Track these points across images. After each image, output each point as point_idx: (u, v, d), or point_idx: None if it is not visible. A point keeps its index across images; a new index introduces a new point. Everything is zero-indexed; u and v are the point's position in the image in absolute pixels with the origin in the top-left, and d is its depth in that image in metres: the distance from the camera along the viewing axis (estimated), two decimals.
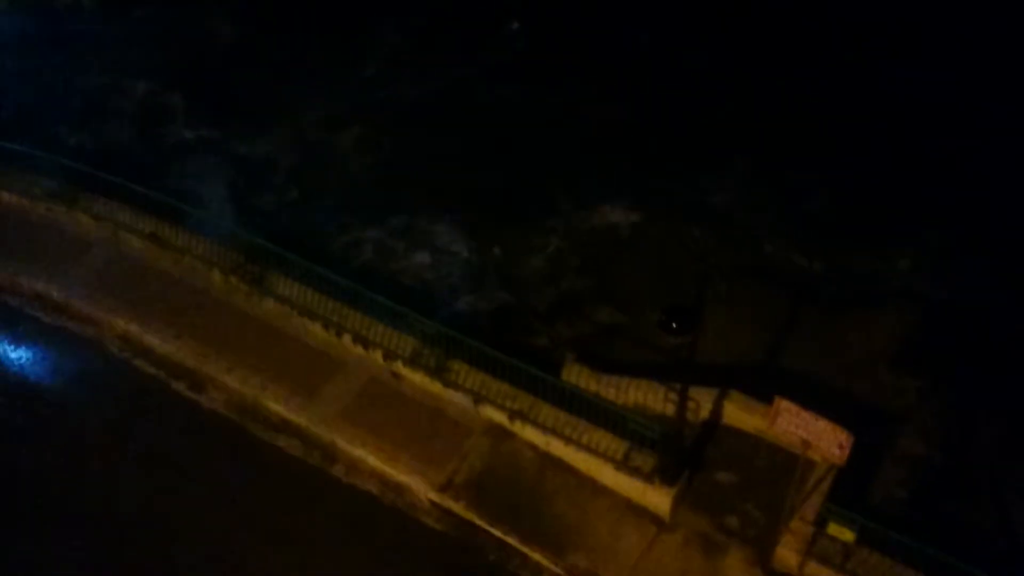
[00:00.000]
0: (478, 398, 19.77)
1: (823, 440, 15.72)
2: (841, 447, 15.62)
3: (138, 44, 29.62)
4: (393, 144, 26.40)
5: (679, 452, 18.19)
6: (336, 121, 27.06)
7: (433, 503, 19.08)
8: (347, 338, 20.94)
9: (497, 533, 18.50)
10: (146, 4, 30.98)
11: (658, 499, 18.32)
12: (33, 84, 28.36)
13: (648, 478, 18.24)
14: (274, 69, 28.64)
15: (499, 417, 19.66)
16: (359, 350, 20.87)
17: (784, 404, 16.00)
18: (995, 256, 22.51)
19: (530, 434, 19.41)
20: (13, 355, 21.65)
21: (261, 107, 27.51)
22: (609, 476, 18.72)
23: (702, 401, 19.06)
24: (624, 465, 18.47)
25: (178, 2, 31.03)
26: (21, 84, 28.31)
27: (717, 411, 19.26)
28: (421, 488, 19.15)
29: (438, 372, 20.12)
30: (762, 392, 18.34)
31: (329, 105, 27.44)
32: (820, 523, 17.27)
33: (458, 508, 18.85)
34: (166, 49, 29.40)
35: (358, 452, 19.67)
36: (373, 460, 19.55)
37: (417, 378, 20.37)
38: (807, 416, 15.77)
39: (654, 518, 18.45)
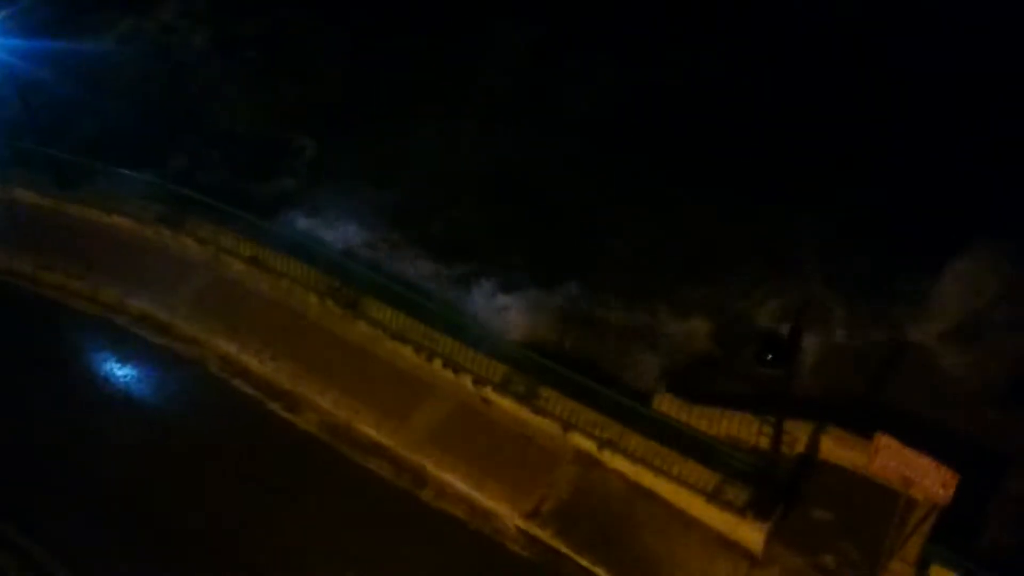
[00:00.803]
0: (567, 426, 19.69)
1: (926, 478, 15.25)
2: (945, 486, 15.11)
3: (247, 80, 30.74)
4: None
5: (773, 486, 17.75)
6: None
7: (520, 530, 19.02)
8: (437, 363, 21.14)
9: (584, 563, 18.32)
10: (255, 45, 32.06)
11: (750, 534, 17.88)
12: (145, 112, 29.65)
13: (740, 512, 17.84)
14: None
15: (588, 445, 19.52)
16: (449, 375, 21.04)
17: (885, 440, 15.57)
18: None
19: (619, 463, 19.22)
20: (119, 373, 22.49)
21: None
22: (700, 508, 18.38)
23: (798, 435, 18.59)
24: (716, 498, 18.12)
25: (286, 44, 31.98)
26: (135, 112, 29.61)
27: (814, 445, 18.73)
28: (508, 514, 19.12)
29: (527, 399, 20.13)
30: (862, 427, 17.78)
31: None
32: (922, 565, 16.61)
33: (545, 536, 18.74)
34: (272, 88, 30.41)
35: (447, 477, 19.78)
36: (461, 485, 19.63)
37: (506, 404, 20.41)
38: (909, 453, 15.31)
39: (746, 553, 18.01)
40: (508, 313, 22.28)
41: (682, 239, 24.22)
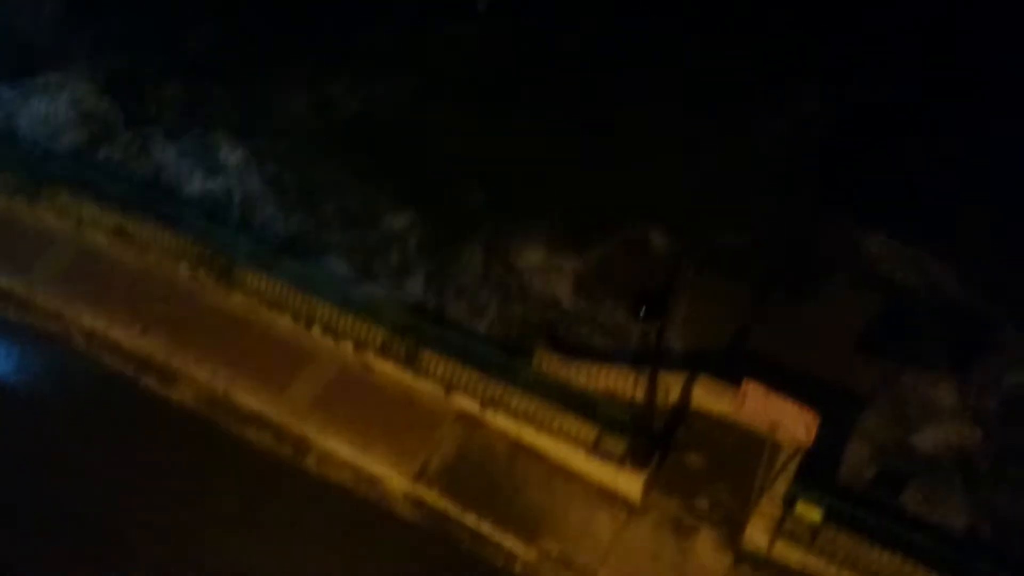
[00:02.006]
0: (449, 387, 19.83)
1: (790, 421, 15.99)
2: (808, 428, 15.89)
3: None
4: None
5: (649, 436, 18.37)
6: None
7: (406, 493, 19.12)
8: (317, 329, 20.90)
9: (470, 521, 18.61)
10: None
11: (629, 483, 18.50)
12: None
13: (619, 462, 18.42)
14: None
15: (470, 405, 19.73)
16: (329, 341, 20.84)
17: (751, 386, 16.24)
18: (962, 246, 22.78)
19: (501, 422, 19.51)
20: None
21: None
22: (580, 462, 18.88)
23: (671, 386, 19.26)
24: (595, 450, 18.63)
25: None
26: None
27: (686, 395, 19.46)
28: (394, 478, 19.20)
29: (409, 362, 20.14)
30: (731, 375, 18.53)
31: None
32: (788, 503, 17.55)
33: (431, 497, 18.92)
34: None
35: (330, 443, 19.68)
36: (345, 451, 19.57)
37: (388, 368, 20.39)
38: (774, 398, 16.02)
39: (625, 502, 18.65)
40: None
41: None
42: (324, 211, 23.85)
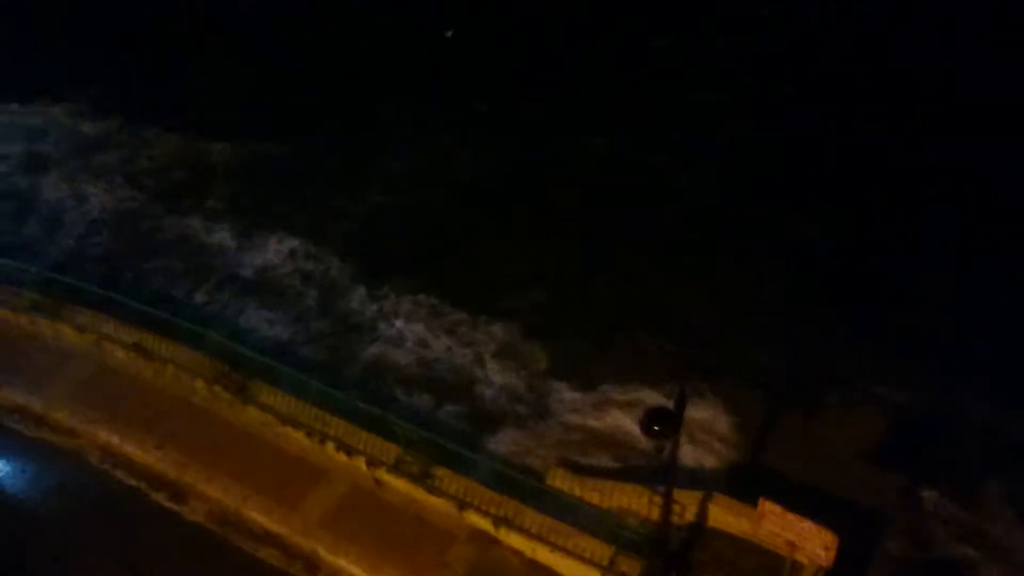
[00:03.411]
0: (462, 504, 19.67)
1: (809, 541, 15.78)
2: (827, 548, 15.68)
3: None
4: None
5: (665, 556, 18.07)
6: None
7: None
8: (330, 446, 20.89)
9: None
10: None
11: None
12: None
13: None
14: None
15: (484, 523, 19.52)
16: (342, 457, 20.80)
17: (769, 506, 16.09)
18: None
19: (515, 540, 19.26)
20: None
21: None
22: None
23: (687, 503, 19.03)
24: (610, 570, 18.30)
25: None
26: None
27: (703, 514, 19.21)
28: None
29: (422, 478, 20.05)
30: (747, 494, 18.35)
31: None
32: None
33: None
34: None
35: (340, 562, 19.41)
36: (356, 569, 19.28)
37: (401, 485, 20.27)
38: (792, 518, 15.86)
39: None
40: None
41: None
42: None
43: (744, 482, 19.28)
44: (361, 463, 20.57)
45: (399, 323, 24.84)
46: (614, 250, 26.47)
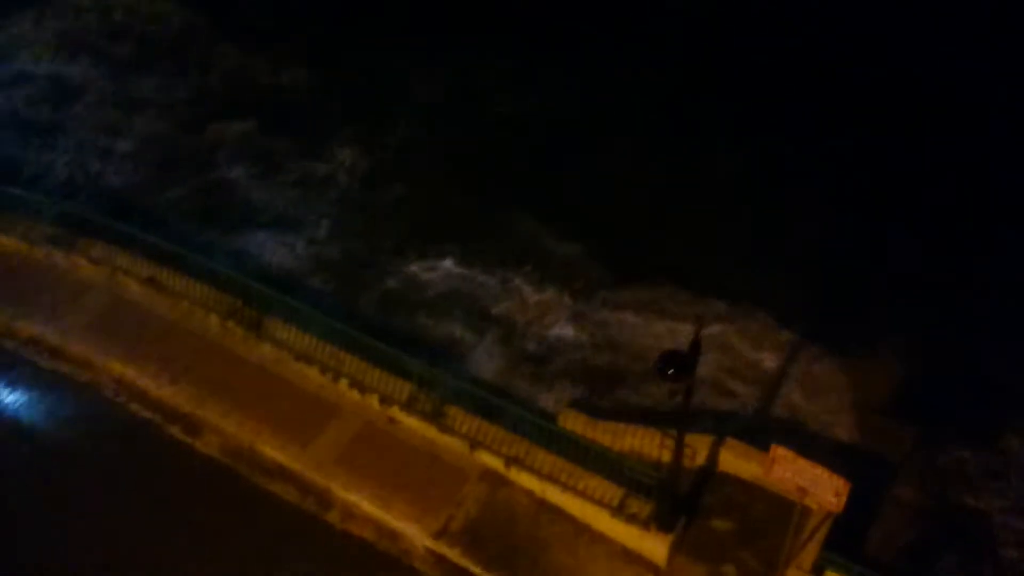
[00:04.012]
0: (474, 443, 19.74)
1: (819, 488, 15.73)
2: (837, 494, 15.62)
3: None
4: None
5: (675, 499, 18.14)
6: None
7: (428, 550, 18.95)
8: (343, 383, 20.95)
9: None
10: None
11: (654, 546, 18.22)
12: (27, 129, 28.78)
13: (644, 525, 18.17)
14: None
15: (495, 463, 19.61)
16: (355, 395, 20.87)
17: (780, 451, 16.03)
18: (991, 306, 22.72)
19: (526, 480, 19.36)
20: (8, 399, 21.56)
21: None
22: (605, 523, 18.64)
23: (699, 447, 19.06)
24: (620, 512, 18.41)
25: None
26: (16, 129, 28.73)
27: (714, 457, 19.24)
28: (416, 535, 19.03)
29: (434, 417, 20.11)
30: (759, 439, 18.34)
31: None
32: (817, 571, 17.20)
33: (453, 555, 18.71)
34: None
35: (353, 498, 19.58)
36: (368, 506, 19.45)
37: (413, 423, 20.35)
38: (803, 463, 15.80)
39: (650, 565, 18.33)
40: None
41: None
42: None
43: (758, 428, 19.23)
44: (374, 401, 20.64)
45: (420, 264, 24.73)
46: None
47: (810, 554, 17.49)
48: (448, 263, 24.79)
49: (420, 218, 26.16)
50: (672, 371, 15.15)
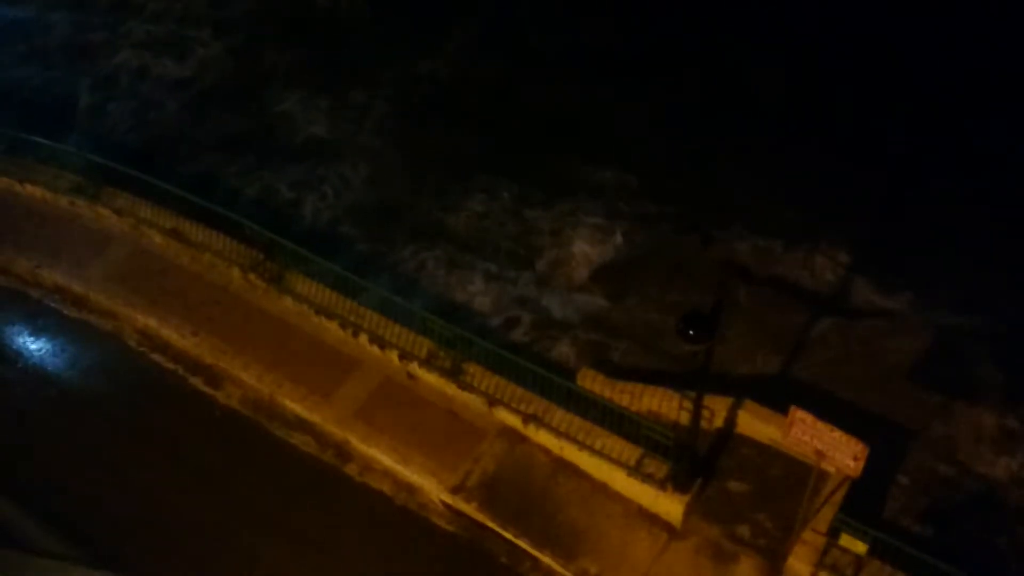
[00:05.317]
0: (492, 401, 19.81)
1: (837, 451, 15.66)
2: (856, 459, 15.54)
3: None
4: None
5: (692, 460, 18.16)
6: None
7: (445, 504, 19.12)
8: (363, 338, 21.04)
9: (508, 536, 18.52)
10: None
11: (670, 506, 18.30)
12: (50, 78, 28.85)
13: (660, 485, 18.22)
14: None
15: (513, 420, 19.69)
16: (375, 350, 20.96)
17: (799, 414, 15.94)
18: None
19: (544, 438, 19.43)
20: (33, 346, 21.84)
21: None
22: (621, 482, 18.71)
23: (717, 409, 19.03)
24: (636, 471, 18.46)
25: None
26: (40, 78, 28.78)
27: (731, 420, 19.22)
28: (434, 489, 19.20)
29: (453, 374, 20.18)
30: (777, 402, 18.28)
31: None
32: (832, 534, 17.20)
33: (470, 510, 18.88)
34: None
35: (372, 451, 19.75)
36: (386, 460, 19.62)
37: (432, 379, 20.43)
38: (822, 427, 15.71)
39: (665, 525, 18.43)
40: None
41: None
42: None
43: (777, 391, 19.15)
44: (394, 356, 20.73)
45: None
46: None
47: (826, 517, 17.49)
48: (485, 204, 24.80)
49: (459, 155, 26.13)
50: (693, 332, 15.08)
